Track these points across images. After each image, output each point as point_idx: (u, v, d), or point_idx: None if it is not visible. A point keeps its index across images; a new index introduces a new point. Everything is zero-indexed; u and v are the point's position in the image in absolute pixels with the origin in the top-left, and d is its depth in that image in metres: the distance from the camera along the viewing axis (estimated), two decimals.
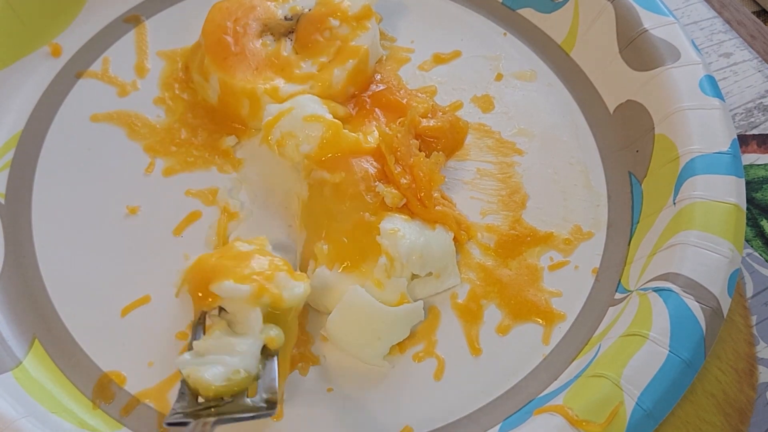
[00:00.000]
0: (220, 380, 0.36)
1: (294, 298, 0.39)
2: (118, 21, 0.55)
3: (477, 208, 0.48)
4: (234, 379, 0.36)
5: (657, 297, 0.39)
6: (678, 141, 0.45)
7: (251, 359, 0.37)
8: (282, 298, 0.39)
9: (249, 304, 0.38)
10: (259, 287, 0.38)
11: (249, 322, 0.38)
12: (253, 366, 0.37)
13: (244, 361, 0.37)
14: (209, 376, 0.35)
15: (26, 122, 0.50)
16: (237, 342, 0.37)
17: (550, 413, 0.36)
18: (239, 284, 0.38)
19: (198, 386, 0.36)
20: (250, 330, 0.38)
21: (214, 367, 0.36)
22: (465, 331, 0.43)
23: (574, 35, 0.53)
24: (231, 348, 0.37)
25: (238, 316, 0.38)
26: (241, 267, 0.39)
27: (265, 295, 0.38)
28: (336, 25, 0.50)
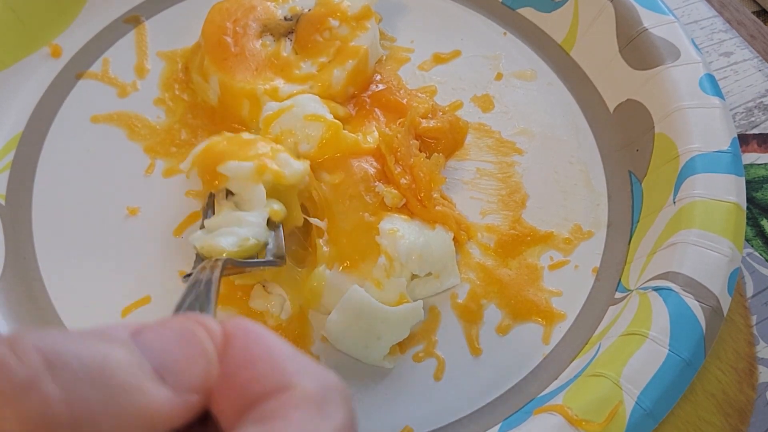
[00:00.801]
0: (232, 246, 0.38)
1: (294, 175, 0.42)
2: (118, 22, 0.55)
3: (477, 208, 0.48)
4: (245, 246, 0.38)
5: (657, 296, 0.39)
6: (678, 140, 0.45)
7: (259, 228, 0.40)
8: (283, 174, 0.41)
9: (252, 181, 0.41)
10: (262, 164, 0.41)
11: (253, 196, 0.41)
12: (262, 234, 0.40)
13: (252, 230, 0.39)
14: (222, 242, 0.38)
15: (26, 123, 0.50)
16: (244, 215, 0.40)
17: (550, 413, 0.36)
18: (243, 162, 0.40)
19: (212, 254, 0.38)
20: (255, 204, 0.40)
21: (225, 236, 0.38)
22: (465, 331, 0.43)
23: (574, 34, 0.53)
24: (239, 221, 0.39)
25: (244, 195, 0.41)
26: (246, 150, 0.42)
27: (267, 172, 0.41)
28: (336, 26, 0.50)
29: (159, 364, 0.18)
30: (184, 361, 0.19)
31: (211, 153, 0.42)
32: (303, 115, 0.46)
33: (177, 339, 0.19)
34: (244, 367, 0.19)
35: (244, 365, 0.19)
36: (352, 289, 0.41)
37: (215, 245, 0.38)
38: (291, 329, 0.43)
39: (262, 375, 0.19)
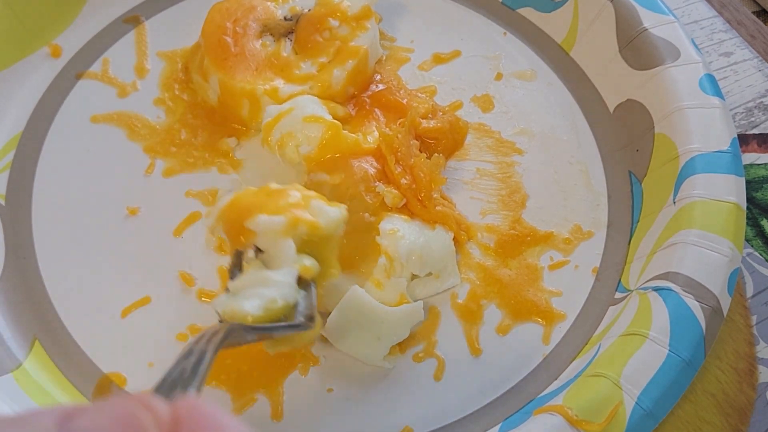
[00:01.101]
0: (257, 310, 0.34)
1: (331, 224, 0.38)
2: (118, 22, 0.55)
3: (477, 208, 0.48)
4: (272, 309, 0.35)
5: (657, 296, 0.39)
6: (678, 140, 0.45)
7: (287, 288, 0.36)
8: (318, 225, 0.37)
9: (285, 236, 0.36)
10: (294, 217, 0.37)
11: (282, 252, 0.36)
12: (291, 295, 0.36)
13: (280, 290, 0.35)
14: (247, 306, 0.34)
15: (26, 123, 0.50)
16: (271, 274, 0.36)
17: (550, 413, 0.36)
18: (273, 216, 0.37)
19: (235, 319, 0.34)
20: (284, 261, 0.36)
21: (250, 299, 0.35)
22: (465, 331, 0.43)
23: (574, 34, 0.53)
24: (266, 280, 0.36)
25: (273, 252, 0.37)
26: (275, 200, 0.38)
27: (300, 225, 0.37)
28: (335, 26, 0.50)
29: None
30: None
31: (237, 207, 0.38)
32: (302, 116, 0.46)
33: (115, 427, 0.17)
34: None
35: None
36: (353, 290, 0.41)
37: (238, 309, 0.34)
38: None
39: None
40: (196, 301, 0.44)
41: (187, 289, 0.44)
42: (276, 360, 0.42)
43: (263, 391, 0.41)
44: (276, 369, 0.42)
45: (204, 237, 0.46)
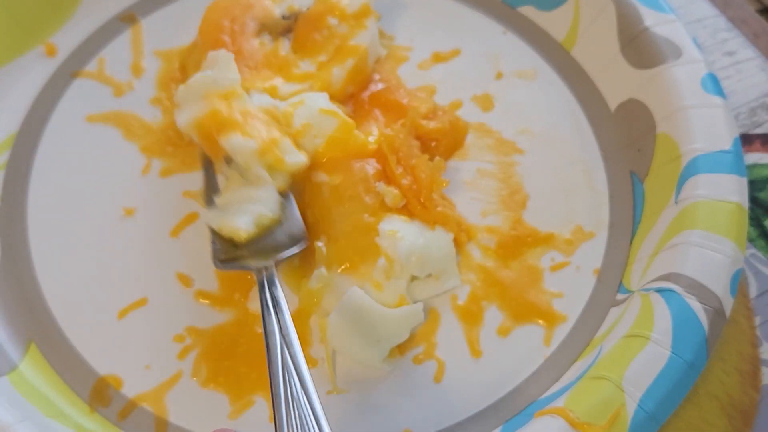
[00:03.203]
0: (251, 226, 0.40)
1: (294, 165, 0.43)
2: (114, 20, 0.55)
3: (477, 209, 0.47)
4: (262, 223, 0.40)
5: (659, 297, 0.39)
6: (680, 140, 0.44)
7: (273, 203, 0.41)
8: (284, 161, 0.42)
9: (254, 159, 0.41)
10: (266, 145, 0.42)
11: (258, 173, 0.42)
12: (276, 209, 0.42)
13: (266, 206, 0.41)
14: (242, 224, 0.40)
15: (21, 123, 0.50)
16: (256, 191, 0.41)
17: (551, 416, 0.36)
18: (248, 139, 0.41)
19: (232, 235, 0.40)
20: (262, 180, 0.42)
21: (242, 216, 0.40)
22: (465, 333, 0.43)
23: (575, 33, 0.53)
24: (251, 197, 0.41)
25: (245, 167, 0.42)
26: (251, 123, 0.42)
27: (269, 155, 0.42)
28: (334, 24, 0.50)
29: None
30: None
31: (214, 121, 0.42)
32: (318, 108, 0.45)
33: None
34: None
35: None
36: (352, 291, 0.41)
37: (235, 229, 0.40)
38: None
39: None
40: (194, 302, 0.44)
41: (184, 290, 0.44)
42: None
43: (261, 394, 0.41)
44: None
45: (202, 237, 0.46)
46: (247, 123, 0.42)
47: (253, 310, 0.43)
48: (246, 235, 0.40)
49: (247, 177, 0.42)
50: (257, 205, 0.41)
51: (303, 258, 0.45)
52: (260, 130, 0.42)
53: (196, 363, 0.41)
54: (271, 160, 0.42)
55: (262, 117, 0.44)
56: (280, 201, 0.42)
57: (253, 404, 0.40)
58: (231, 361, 0.41)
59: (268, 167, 0.42)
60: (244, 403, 0.40)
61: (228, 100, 0.43)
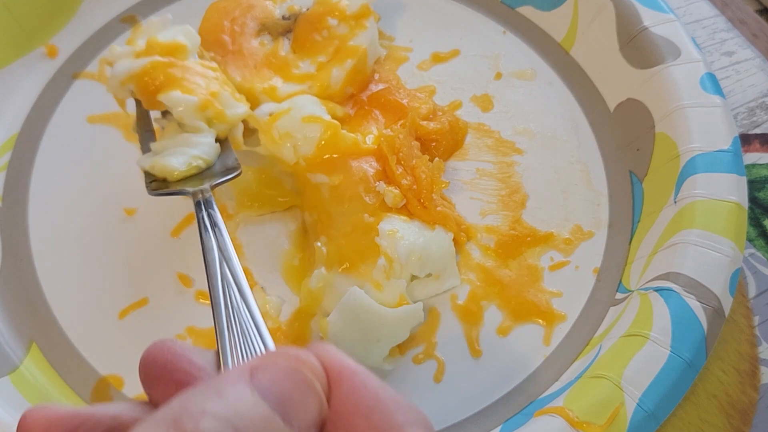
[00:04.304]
0: (184, 165, 0.40)
1: (235, 117, 0.43)
2: (115, 21, 0.55)
3: (476, 209, 0.47)
4: (196, 165, 0.40)
5: (658, 297, 0.39)
6: (678, 139, 0.44)
7: (209, 148, 0.41)
8: (224, 114, 0.42)
9: (194, 114, 0.41)
10: (206, 100, 0.42)
11: (196, 125, 0.42)
12: (212, 154, 0.41)
13: (202, 149, 0.41)
14: (173, 162, 0.40)
15: (23, 124, 0.50)
16: (194, 137, 0.41)
17: (551, 415, 0.36)
18: (187, 95, 0.41)
19: (164, 174, 0.40)
20: (201, 130, 0.42)
21: (176, 157, 0.40)
22: (465, 333, 0.43)
23: (574, 33, 0.53)
24: (188, 142, 0.41)
25: (186, 120, 0.42)
26: (189, 78, 0.42)
27: (210, 109, 0.42)
28: (334, 25, 0.50)
29: (283, 411, 0.18)
30: (302, 405, 0.19)
31: (151, 76, 0.42)
32: (301, 117, 0.45)
33: (290, 382, 0.19)
34: (355, 414, 0.19)
35: (355, 413, 0.19)
36: (352, 291, 0.41)
37: (167, 165, 0.39)
38: (290, 331, 0.43)
39: (374, 426, 0.19)
40: (194, 302, 0.44)
41: (184, 290, 0.44)
42: None
43: None
44: None
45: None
46: (185, 78, 0.42)
47: None
48: (179, 174, 0.40)
49: (185, 127, 0.42)
50: (193, 149, 0.41)
51: (303, 258, 0.45)
52: (199, 84, 0.42)
53: None
54: (211, 114, 0.42)
55: (200, 71, 0.44)
56: (216, 147, 0.42)
57: None
58: None
59: (207, 120, 0.42)
60: None
61: (168, 56, 0.43)
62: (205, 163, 0.41)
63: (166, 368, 0.22)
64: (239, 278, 0.31)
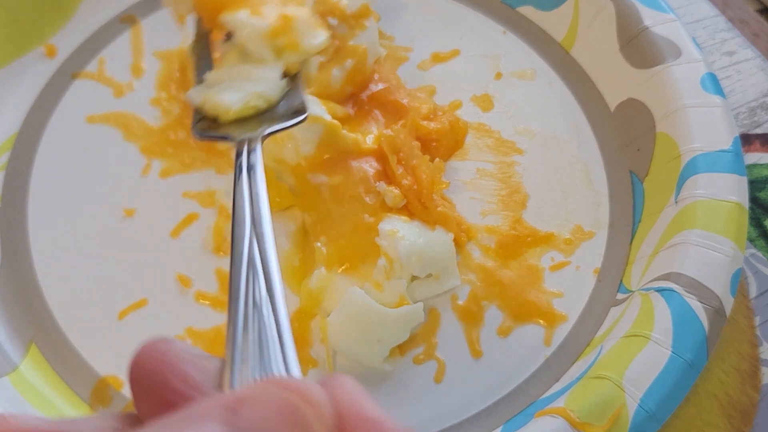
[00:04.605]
0: (239, 104, 0.33)
1: (310, 48, 0.36)
2: (114, 21, 0.54)
3: (477, 209, 0.47)
4: (254, 105, 0.33)
5: (659, 297, 0.39)
6: (679, 139, 0.44)
7: (272, 83, 0.34)
8: (299, 44, 0.36)
9: (262, 41, 0.35)
10: (278, 25, 0.34)
11: (262, 54, 0.35)
12: (275, 90, 0.34)
13: (265, 86, 0.34)
14: (228, 98, 0.33)
15: (21, 124, 0.49)
16: (254, 69, 0.34)
17: (552, 415, 0.36)
18: (256, 17, 0.34)
19: (216, 112, 0.33)
20: (267, 61, 0.35)
21: (232, 92, 0.33)
22: (465, 333, 0.43)
23: (574, 33, 0.53)
24: (249, 75, 0.34)
25: (250, 47, 0.35)
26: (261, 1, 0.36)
27: (281, 37, 0.35)
28: (334, 25, 0.50)
29: None
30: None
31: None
32: None
33: (282, 424, 0.15)
34: None
35: None
36: (352, 291, 0.40)
37: (220, 102, 0.33)
38: None
39: None
40: (194, 303, 0.44)
41: (184, 291, 0.44)
42: None
43: None
44: None
45: (201, 238, 0.46)
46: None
47: None
48: (233, 114, 0.33)
49: (249, 56, 0.35)
50: (254, 84, 0.34)
51: (303, 258, 0.45)
52: (272, 5, 0.36)
53: None
54: (282, 43, 0.35)
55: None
56: (283, 84, 0.35)
57: None
58: None
59: (276, 50, 0.35)
60: None
61: None
62: (266, 103, 0.34)
63: (155, 382, 0.18)
64: (270, 264, 0.23)
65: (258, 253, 0.23)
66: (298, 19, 0.36)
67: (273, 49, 0.35)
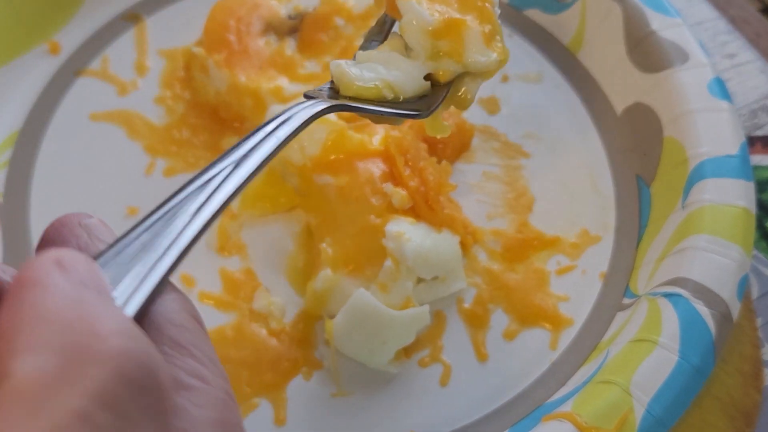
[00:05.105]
0: (363, 81, 0.32)
1: (473, 65, 0.34)
2: (118, 19, 0.54)
3: (483, 212, 0.47)
4: (377, 87, 0.33)
5: (666, 302, 0.39)
6: (686, 144, 0.44)
7: (409, 80, 0.33)
8: (460, 52, 0.33)
9: (423, 36, 0.33)
10: (446, 26, 0.33)
11: (418, 49, 0.33)
12: (408, 87, 0.33)
13: (399, 77, 0.33)
14: (356, 72, 0.33)
15: (24, 121, 0.49)
16: (402, 60, 0.33)
17: (559, 420, 0.36)
18: (424, 9, 0.33)
19: (340, 82, 0.33)
20: (418, 57, 0.33)
21: (365, 70, 0.33)
22: (471, 336, 0.43)
23: (581, 36, 0.53)
24: (392, 62, 0.33)
25: (408, 37, 0.34)
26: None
27: (446, 39, 0.33)
28: (341, 25, 0.50)
29: None
30: None
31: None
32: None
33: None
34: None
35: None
36: (358, 293, 0.40)
37: (346, 72, 0.32)
38: (294, 333, 0.43)
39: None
40: (197, 302, 0.43)
41: (187, 290, 0.44)
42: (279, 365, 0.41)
43: (266, 396, 0.40)
44: (279, 374, 0.41)
45: (205, 238, 0.46)
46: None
47: (256, 311, 0.43)
48: (357, 90, 0.32)
49: (408, 51, 0.34)
50: (391, 73, 0.33)
51: (308, 259, 0.45)
52: (456, 7, 0.34)
53: None
54: (445, 47, 0.33)
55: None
56: (424, 86, 0.34)
57: (257, 407, 0.40)
58: (233, 366, 0.41)
59: (434, 50, 0.34)
60: (248, 406, 0.40)
61: None
62: (392, 94, 0.33)
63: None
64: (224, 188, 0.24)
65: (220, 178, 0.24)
66: (470, 30, 0.34)
67: (431, 48, 0.34)
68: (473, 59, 0.34)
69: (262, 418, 0.40)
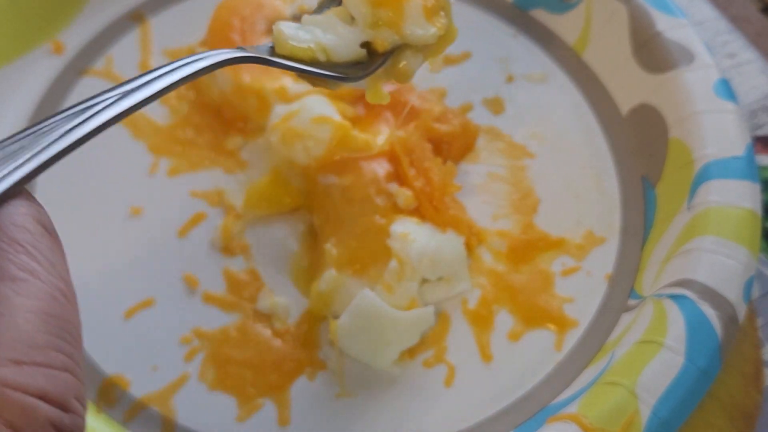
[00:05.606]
0: (297, 41, 0.33)
1: (411, 37, 0.34)
2: (122, 18, 0.54)
3: (488, 213, 0.47)
4: (309, 49, 0.33)
5: (672, 304, 0.38)
6: (692, 145, 0.44)
7: (344, 45, 0.33)
8: (399, 24, 0.33)
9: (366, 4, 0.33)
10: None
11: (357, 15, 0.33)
12: (343, 52, 0.33)
13: (335, 42, 0.33)
14: (290, 32, 0.33)
15: (28, 121, 0.49)
16: (341, 26, 0.33)
17: (564, 421, 0.36)
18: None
19: (277, 41, 0.33)
20: (359, 22, 0.33)
21: (303, 31, 0.33)
22: (476, 337, 0.43)
23: (587, 36, 0.53)
24: (330, 27, 0.34)
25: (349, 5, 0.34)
26: None
27: (384, 9, 0.33)
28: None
29: None
30: None
31: None
32: (310, 117, 0.45)
33: None
34: None
35: None
36: (362, 294, 0.40)
37: (283, 31, 0.33)
38: (299, 333, 0.43)
39: None
40: (201, 303, 0.43)
41: (191, 291, 0.44)
42: (283, 365, 0.41)
43: (270, 397, 0.40)
44: (283, 374, 0.41)
45: (209, 238, 0.46)
46: None
47: (260, 311, 0.43)
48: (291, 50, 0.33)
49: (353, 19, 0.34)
50: (327, 37, 0.33)
51: (312, 260, 0.45)
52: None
53: (203, 366, 0.41)
54: (384, 17, 0.33)
55: None
56: (359, 53, 0.34)
57: (261, 407, 0.40)
58: (237, 366, 0.41)
59: (373, 19, 0.33)
60: (252, 406, 0.40)
61: None
62: (326, 57, 0.33)
63: None
64: (107, 112, 0.25)
65: (103, 105, 0.26)
66: (412, 1, 0.34)
67: (371, 16, 0.33)
68: (411, 31, 0.34)
69: (266, 419, 0.40)
